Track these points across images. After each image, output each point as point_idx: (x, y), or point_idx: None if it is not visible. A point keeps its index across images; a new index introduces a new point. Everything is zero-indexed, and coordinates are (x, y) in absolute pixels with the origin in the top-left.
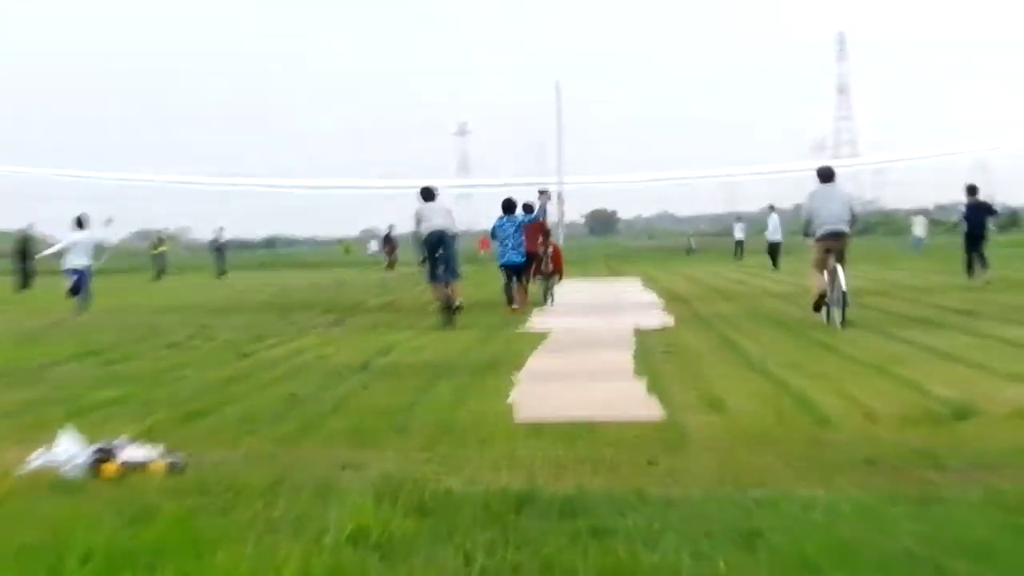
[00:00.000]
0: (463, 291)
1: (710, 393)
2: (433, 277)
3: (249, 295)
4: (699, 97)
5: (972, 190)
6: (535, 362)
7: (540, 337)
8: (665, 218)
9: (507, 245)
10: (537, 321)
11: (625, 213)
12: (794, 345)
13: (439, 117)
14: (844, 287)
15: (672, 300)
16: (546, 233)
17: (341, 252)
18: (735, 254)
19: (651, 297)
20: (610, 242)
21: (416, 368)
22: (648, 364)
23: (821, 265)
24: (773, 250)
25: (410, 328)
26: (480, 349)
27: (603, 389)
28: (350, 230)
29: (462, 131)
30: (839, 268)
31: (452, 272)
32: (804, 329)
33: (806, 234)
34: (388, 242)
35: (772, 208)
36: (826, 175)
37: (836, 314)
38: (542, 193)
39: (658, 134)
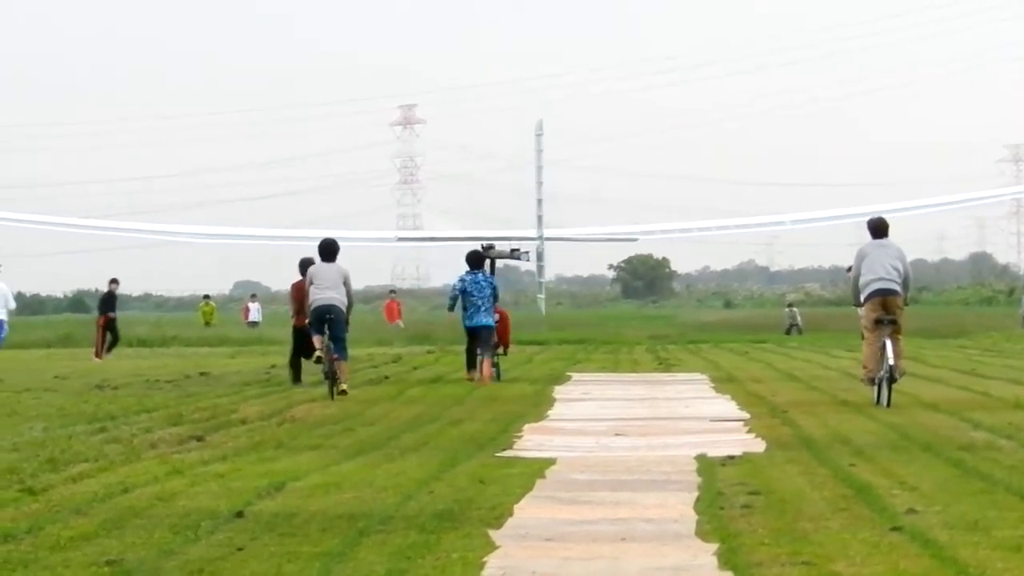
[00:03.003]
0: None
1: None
2: (319, 331)
3: (39, 391)
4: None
5: None
6: (528, 511)
7: (537, 468)
8: (750, 273)
9: (478, 306)
10: (532, 440)
11: (683, 263)
12: (970, 490)
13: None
14: (891, 360)
15: (761, 411)
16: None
17: (199, 318)
18: None
19: (726, 406)
20: (659, 311)
21: (325, 519)
22: (720, 520)
23: (876, 333)
24: None
25: (316, 449)
26: (434, 487)
27: (643, 561)
28: (217, 283)
29: (408, 120)
30: (887, 339)
31: (340, 350)
32: (992, 463)
33: (855, 303)
34: (107, 308)
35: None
36: (878, 229)
37: (884, 392)
38: (487, 249)
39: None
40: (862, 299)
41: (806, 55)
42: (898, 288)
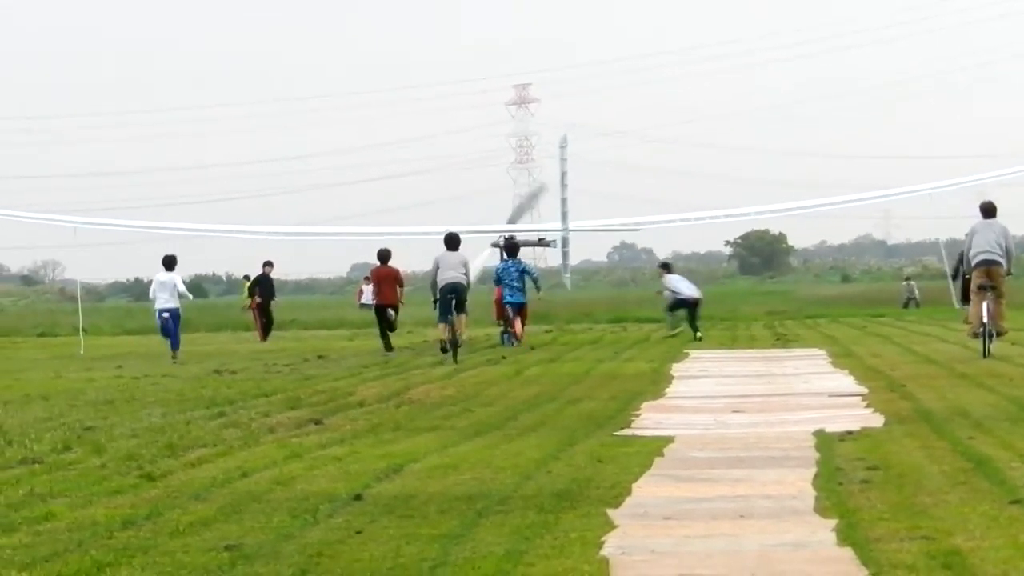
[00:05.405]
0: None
1: (947, 550)
2: (444, 318)
3: (157, 377)
4: None
5: None
6: (646, 490)
7: (655, 447)
8: (867, 247)
9: (510, 286)
10: (650, 419)
11: (799, 238)
12: None
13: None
14: (986, 318)
15: (879, 386)
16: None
17: (240, 299)
18: None
19: (844, 381)
20: (776, 287)
21: (444, 500)
22: (838, 496)
23: (979, 296)
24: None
25: (434, 431)
26: (552, 466)
27: (762, 538)
28: (334, 266)
29: (523, 99)
30: (987, 302)
31: (461, 311)
32: None
33: (965, 274)
34: (259, 291)
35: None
36: (988, 210)
37: (986, 345)
38: (508, 239)
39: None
40: (971, 267)
41: (913, 29)
42: (1000, 260)
